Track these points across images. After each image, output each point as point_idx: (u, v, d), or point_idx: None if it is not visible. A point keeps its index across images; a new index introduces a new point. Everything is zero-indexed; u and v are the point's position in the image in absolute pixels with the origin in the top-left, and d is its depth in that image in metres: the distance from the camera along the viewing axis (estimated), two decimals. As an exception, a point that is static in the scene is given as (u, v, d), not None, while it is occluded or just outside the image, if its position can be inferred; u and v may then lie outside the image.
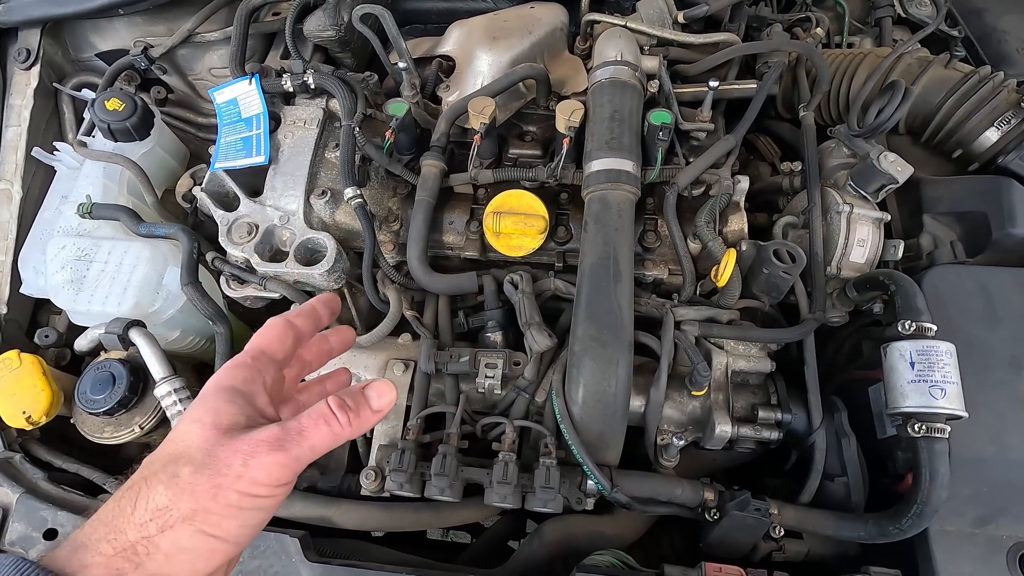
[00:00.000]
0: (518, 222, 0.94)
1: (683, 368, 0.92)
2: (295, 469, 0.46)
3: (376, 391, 0.51)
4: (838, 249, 0.94)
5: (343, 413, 0.48)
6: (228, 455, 0.44)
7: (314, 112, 1.03)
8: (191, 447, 0.45)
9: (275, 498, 0.47)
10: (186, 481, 0.43)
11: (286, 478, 0.46)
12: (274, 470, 0.45)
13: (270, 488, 0.45)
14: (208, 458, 0.44)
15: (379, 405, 0.50)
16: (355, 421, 0.49)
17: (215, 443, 0.45)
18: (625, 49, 1.00)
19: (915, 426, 0.75)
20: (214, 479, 0.44)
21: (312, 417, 0.48)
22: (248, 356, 0.53)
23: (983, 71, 1.00)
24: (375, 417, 0.50)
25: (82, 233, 0.99)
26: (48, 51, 1.14)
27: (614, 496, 0.81)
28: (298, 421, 0.47)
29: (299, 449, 0.46)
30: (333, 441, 0.48)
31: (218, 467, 0.44)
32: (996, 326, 0.83)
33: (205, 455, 0.44)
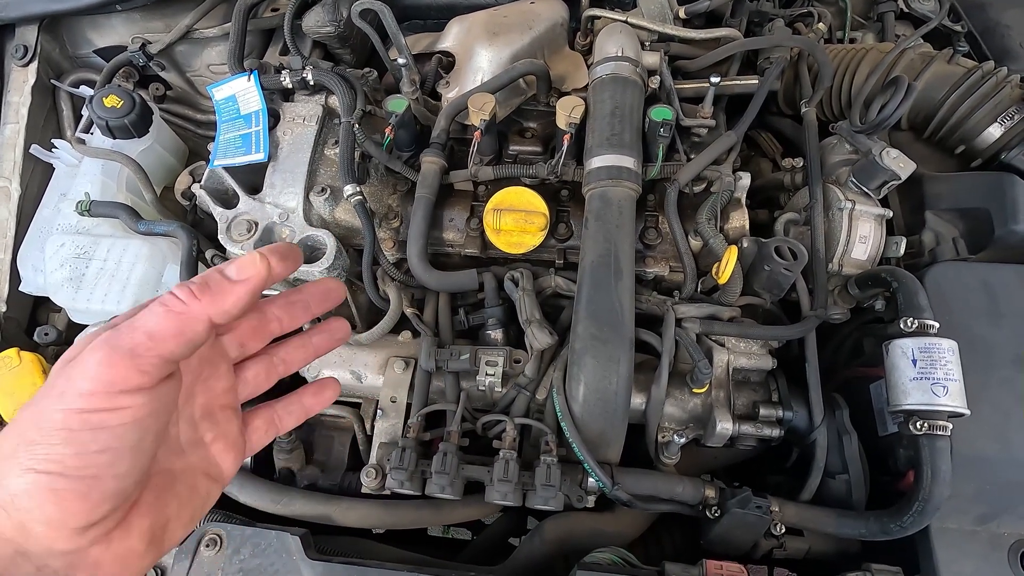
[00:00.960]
0: (518, 219, 0.93)
1: (684, 366, 0.92)
2: (138, 366, 0.37)
3: (237, 264, 0.42)
4: (840, 246, 0.94)
5: (183, 289, 0.39)
6: (54, 376, 0.37)
7: (313, 109, 1.02)
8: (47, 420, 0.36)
9: (128, 409, 0.37)
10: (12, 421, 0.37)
11: (128, 379, 0.36)
12: (104, 371, 0.36)
13: (107, 396, 0.36)
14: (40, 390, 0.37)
15: (239, 274, 0.41)
16: (205, 294, 0.39)
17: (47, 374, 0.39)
18: (626, 44, 1.00)
19: (917, 424, 0.74)
20: (34, 404, 0.37)
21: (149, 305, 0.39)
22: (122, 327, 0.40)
23: (986, 66, 0.99)
24: (236, 289, 0.40)
25: (81, 231, 0.99)
26: (46, 47, 1.14)
27: (615, 494, 0.81)
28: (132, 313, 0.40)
29: (132, 339, 0.37)
30: (178, 321, 0.38)
31: (41, 392, 0.37)
32: (999, 323, 0.83)
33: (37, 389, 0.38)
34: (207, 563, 0.78)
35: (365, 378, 0.94)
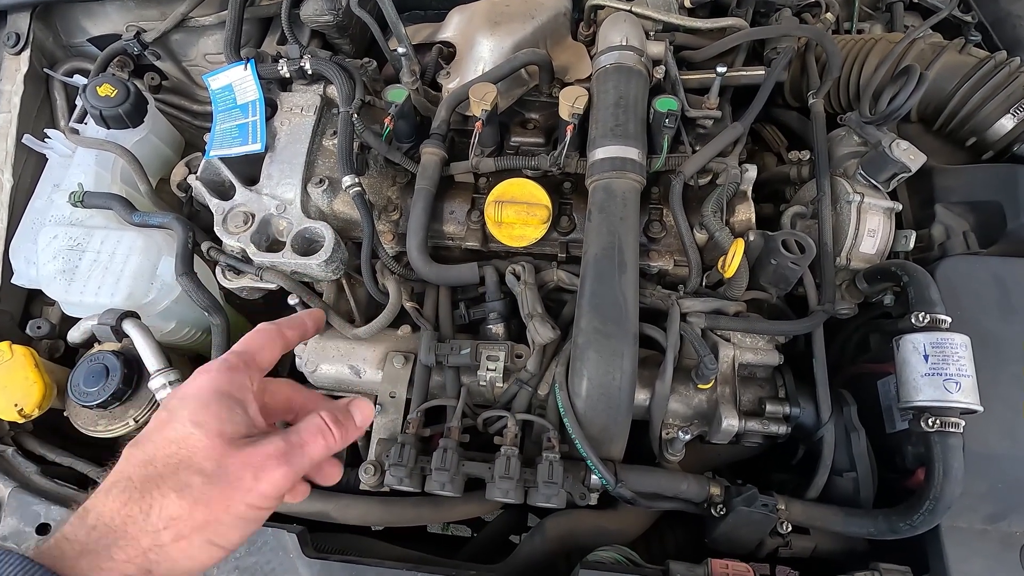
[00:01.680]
0: (520, 211, 0.92)
1: (689, 361, 0.90)
2: (295, 480, 0.50)
3: (359, 410, 0.55)
4: (848, 239, 0.92)
5: (337, 428, 0.52)
6: (238, 469, 0.46)
7: (311, 98, 1.00)
8: (197, 455, 0.46)
9: (273, 508, 0.50)
10: (199, 492, 0.45)
11: (287, 488, 0.49)
12: (281, 483, 0.48)
13: (275, 500, 0.48)
14: (219, 470, 0.46)
15: (361, 422, 0.55)
16: (343, 436, 0.53)
17: (223, 454, 0.46)
18: (630, 34, 0.98)
19: (928, 420, 0.73)
20: (226, 492, 0.46)
21: (311, 432, 0.51)
22: (240, 361, 0.53)
23: (999, 56, 0.97)
24: (358, 433, 0.55)
25: (74, 222, 0.97)
26: (39, 36, 1.12)
27: (618, 491, 0.79)
28: (299, 435, 0.50)
29: (302, 462, 0.49)
30: (327, 453, 0.52)
31: (230, 480, 0.46)
32: (1011, 318, 0.81)
33: (215, 467, 0.46)
34: (202, 561, 0.77)
35: (364, 373, 0.93)
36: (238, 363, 0.53)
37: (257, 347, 0.56)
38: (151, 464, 0.46)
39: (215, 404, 0.49)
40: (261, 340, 0.57)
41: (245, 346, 0.55)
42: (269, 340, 0.57)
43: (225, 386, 0.50)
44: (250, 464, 0.47)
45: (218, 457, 0.46)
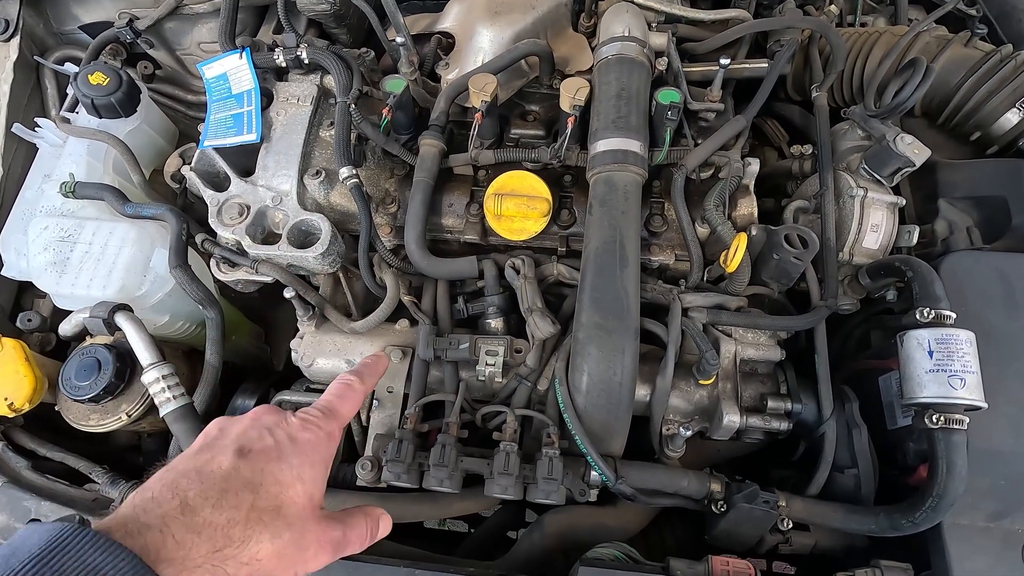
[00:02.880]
0: (520, 204, 0.90)
1: (690, 356, 0.89)
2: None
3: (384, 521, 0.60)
4: (851, 234, 0.91)
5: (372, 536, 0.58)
6: (310, 542, 0.50)
7: (308, 88, 0.98)
8: (294, 511, 0.49)
9: None
10: (284, 546, 0.47)
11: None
12: (323, 564, 0.51)
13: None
14: (301, 535, 0.49)
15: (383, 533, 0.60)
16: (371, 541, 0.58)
17: (308, 520, 0.50)
18: (632, 24, 0.96)
19: (932, 417, 0.72)
20: (296, 557, 0.49)
21: (360, 532, 0.56)
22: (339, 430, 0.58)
23: (1005, 50, 0.96)
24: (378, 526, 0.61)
25: (65, 213, 0.95)
26: (29, 22, 1.09)
27: (619, 488, 0.78)
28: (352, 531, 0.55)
29: (339, 555, 0.53)
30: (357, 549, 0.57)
31: (302, 548, 0.49)
32: (1017, 314, 0.80)
33: (302, 530, 0.49)
34: (196, 557, 0.75)
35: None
36: (335, 430, 0.57)
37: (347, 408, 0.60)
38: (257, 492, 0.48)
39: (319, 467, 0.53)
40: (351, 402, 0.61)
41: (340, 406, 0.60)
42: (358, 399, 0.62)
43: (324, 452, 0.55)
44: (317, 542, 0.50)
45: (304, 521, 0.49)
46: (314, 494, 0.52)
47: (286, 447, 0.52)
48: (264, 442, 0.52)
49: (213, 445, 0.51)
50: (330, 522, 0.53)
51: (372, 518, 0.58)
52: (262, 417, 0.55)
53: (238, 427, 0.54)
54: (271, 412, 0.56)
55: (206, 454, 0.50)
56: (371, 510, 0.60)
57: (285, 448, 0.52)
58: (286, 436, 0.53)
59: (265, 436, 0.52)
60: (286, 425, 0.55)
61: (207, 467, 0.48)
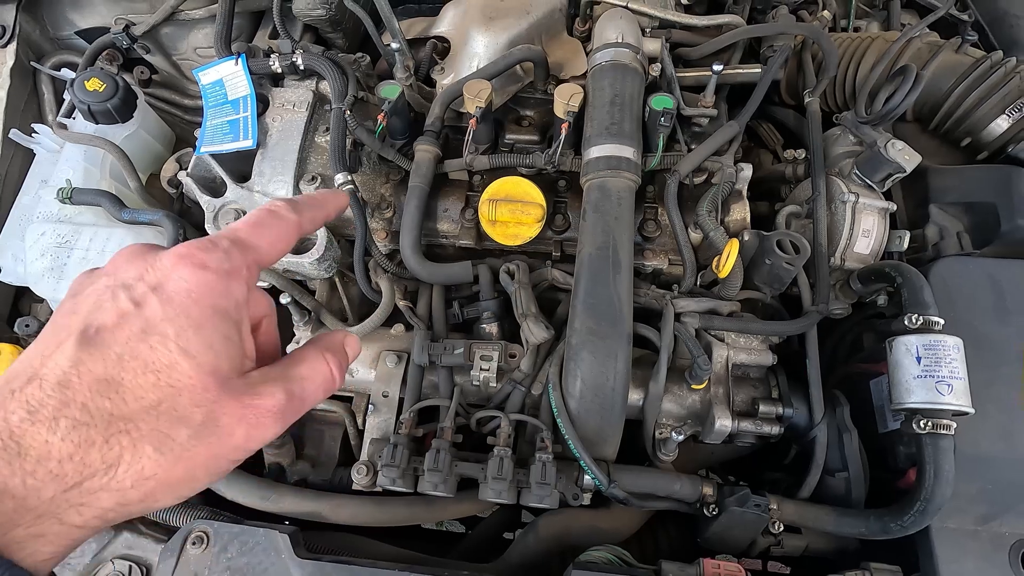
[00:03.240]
0: (515, 210, 0.91)
1: (683, 361, 0.90)
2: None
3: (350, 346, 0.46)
4: (842, 239, 0.92)
5: (340, 373, 0.43)
6: (232, 423, 0.37)
7: (303, 94, 0.99)
8: (183, 397, 0.35)
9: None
10: (182, 448, 0.35)
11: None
12: (270, 437, 0.39)
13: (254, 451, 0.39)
14: (208, 423, 0.36)
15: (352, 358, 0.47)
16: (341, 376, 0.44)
17: (214, 400, 0.36)
18: (626, 31, 0.97)
19: (920, 422, 0.73)
20: (213, 448, 0.36)
21: (316, 382, 0.41)
22: (243, 262, 0.40)
23: (995, 56, 0.96)
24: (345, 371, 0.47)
25: (63, 219, 0.96)
26: (25, 28, 1.10)
27: (612, 492, 0.79)
28: (302, 386, 0.40)
29: (297, 415, 0.40)
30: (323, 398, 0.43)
31: (220, 436, 0.36)
32: (1006, 320, 0.81)
33: (205, 417, 0.36)
34: (193, 561, 0.76)
35: (356, 372, 0.92)
36: (240, 266, 0.39)
37: (266, 241, 0.42)
38: (117, 394, 0.34)
39: (210, 326, 0.37)
40: (273, 231, 0.42)
41: (250, 235, 0.41)
42: (283, 231, 0.43)
43: (222, 300, 0.38)
44: (245, 418, 0.37)
45: (210, 404, 0.36)
46: (217, 365, 0.37)
47: (153, 310, 0.36)
48: (119, 309, 0.36)
49: (57, 328, 0.36)
50: (259, 387, 0.38)
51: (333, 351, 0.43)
52: (120, 268, 0.38)
53: (91, 290, 0.38)
54: (135, 255, 0.39)
55: (44, 345, 0.35)
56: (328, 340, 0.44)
57: (152, 312, 0.36)
58: (151, 292, 0.36)
59: (121, 300, 0.36)
60: (152, 272, 0.37)
61: (41, 369, 0.34)
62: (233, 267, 0.39)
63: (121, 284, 0.37)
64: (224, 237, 0.40)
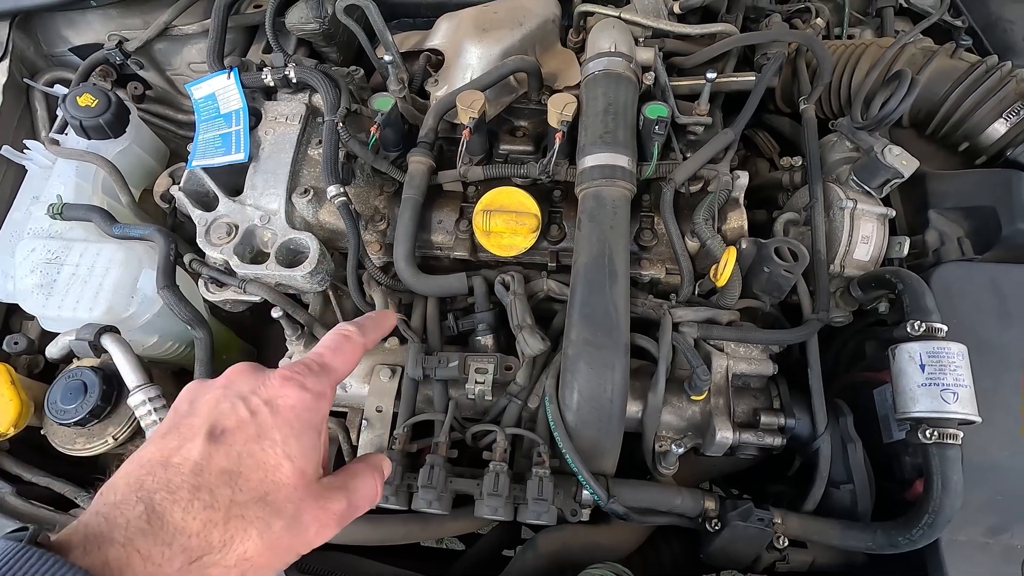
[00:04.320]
0: (509, 220, 0.90)
1: (682, 372, 0.89)
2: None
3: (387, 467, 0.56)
4: (841, 246, 0.91)
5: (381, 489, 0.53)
6: (308, 523, 0.44)
7: (296, 107, 0.99)
8: (282, 494, 0.43)
9: None
10: (276, 538, 0.42)
11: None
12: (329, 537, 0.47)
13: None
14: (295, 518, 0.44)
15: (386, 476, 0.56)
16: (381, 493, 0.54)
17: (301, 499, 0.44)
18: (619, 40, 0.97)
19: (926, 432, 0.71)
20: (295, 541, 0.44)
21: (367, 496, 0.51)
22: (330, 386, 0.50)
23: (990, 61, 0.96)
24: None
25: (53, 235, 0.95)
26: (19, 45, 1.10)
27: (611, 507, 0.77)
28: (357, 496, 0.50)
29: (349, 520, 0.48)
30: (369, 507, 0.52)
31: (300, 530, 0.44)
32: (1010, 325, 0.80)
33: (295, 512, 0.43)
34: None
35: (350, 387, 0.91)
36: (327, 388, 0.49)
37: (343, 363, 0.52)
38: (235, 483, 0.42)
39: (306, 437, 0.46)
40: (348, 354, 0.53)
41: (333, 360, 0.51)
42: (355, 353, 0.53)
43: (315, 416, 0.47)
44: (317, 520, 0.45)
45: (298, 501, 0.44)
46: (306, 469, 0.45)
47: (265, 419, 0.45)
48: (238, 416, 0.45)
49: (181, 426, 0.44)
50: (330, 493, 0.47)
51: (374, 469, 0.53)
52: (235, 382, 0.48)
53: (209, 398, 0.46)
54: (246, 373, 0.48)
55: (173, 439, 0.43)
56: (372, 460, 0.54)
57: (264, 421, 0.45)
58: (264, 404, 0.45)
59: (239, 408, 0.45)
60: (264, 389, 0.46)
61: (174, 458, 0.41)
62: (321, 391, 0.49)
63: (238, 395, 0.46)
64: (314, 362, 0.50)
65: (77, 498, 0.89)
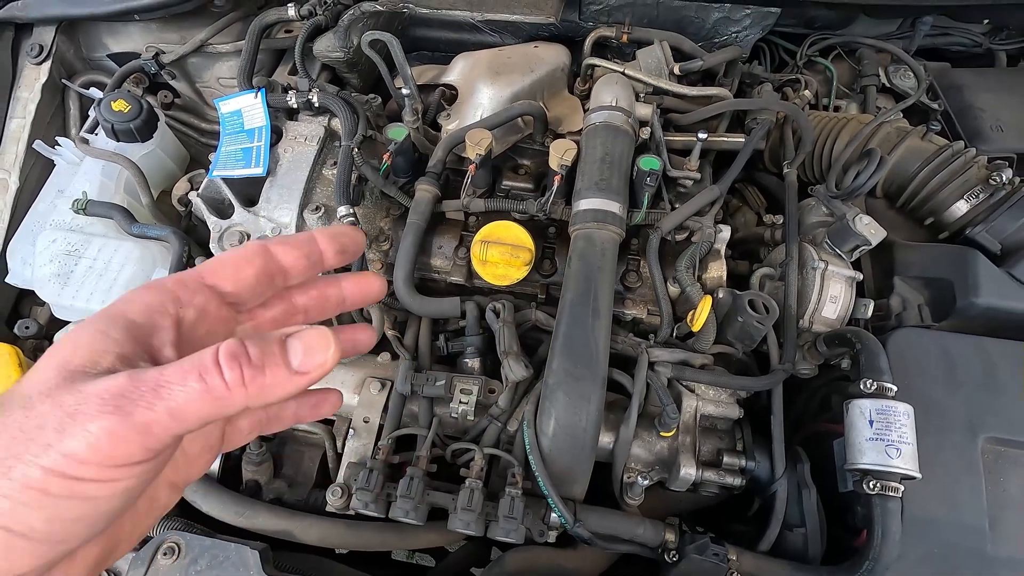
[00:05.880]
0: (505, 252, 0.96)
1: (654, 408, 0.94)
2: (145, 444, 0.30)
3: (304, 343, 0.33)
4: (811, 304, 0.97)
5: (233, 366, 0.31)
6: (45, 411, 0.30)
7: (316, 129, 1.05)
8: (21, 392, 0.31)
9: (114, 483, 0.31)
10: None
11: (130, 455, 0.30)
12: (104, 442, 0.29)
13: (99, 468, 0.30)
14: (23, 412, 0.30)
15: (305, 365, 0.33)
16: (255, 382, 0.32)
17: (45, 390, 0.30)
18: (620, 95, 1.05)
19: (870, 483, 0.77)
20: (14, 445, 0.29)
21: (183, 366, 0.31)
22: (171, 278, 0.37)
23: (956, 146, 1.05)
24: (293, 382, 0.33)
25: (74, 228, 1.00)
26: (61, 48, 1.17)
27: (576, 531, 0.82)
28: (160, 371, 0.31)
29: (150, 414, 0.30)
30: (213, 407, 0.31)
31: (26, 428, 0.29)
32: (955, 391, 0.86)
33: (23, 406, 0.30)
34: (163, 571, 0.78)
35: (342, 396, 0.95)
36: (163, 281, 0.37)
37: (215, 264, 0.38)
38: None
39: (87, 327, 0.33)
40: (225, 257, 0.39)
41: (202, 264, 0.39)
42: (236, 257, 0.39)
43: (121, 306, 0.34)
44: (62, 407, 0.29)
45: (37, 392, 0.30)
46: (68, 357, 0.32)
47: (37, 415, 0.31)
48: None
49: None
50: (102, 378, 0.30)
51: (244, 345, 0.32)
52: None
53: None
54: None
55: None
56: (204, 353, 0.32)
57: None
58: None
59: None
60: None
61: None
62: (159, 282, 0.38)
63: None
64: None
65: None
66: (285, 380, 0.33)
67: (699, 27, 1.23)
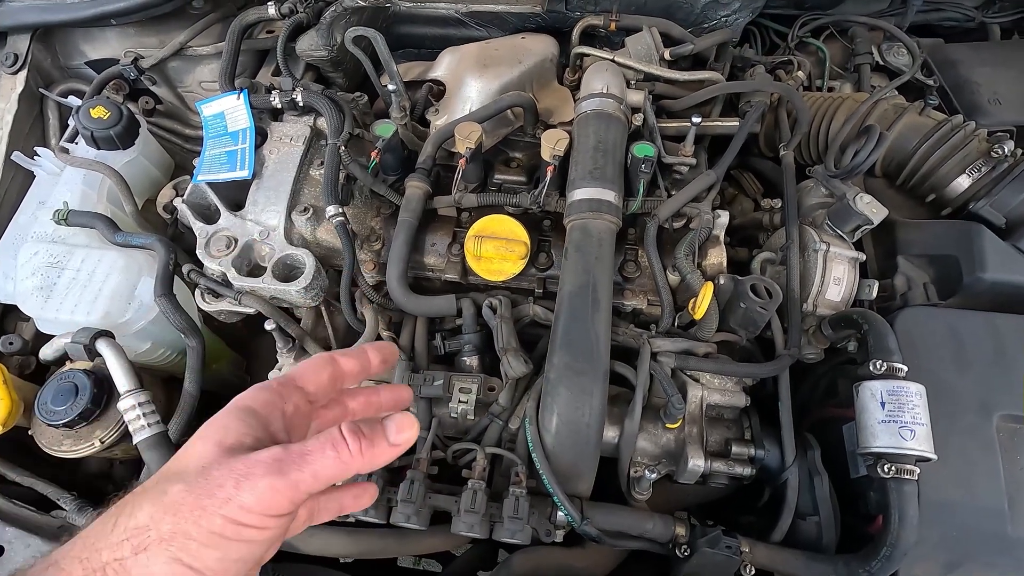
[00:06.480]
0: (499, 247, 0.94)
1: (658, 400, 0.92)
2: (293, 498, 0.41)
3: (396, 424, 0.46)
4: (814, 287, 0.95)
5: (355, 440, 0.44)
6: (221, 475, 0.40)
7: (301, 129, 1.03)
8: (189, 464, 0.42)
9: (268, 531, 0.41)
10: (172, 499, 0.39)
11: (282, 507, 0.41)
12: (267, 496, 0.40)
13: (261, 517, 0.41)
14: (200, 476, 0.40)
15: (397, 439, 0.46)
16: (368, 452, 0.44)
17: (212, 461, 0.41)
18: (611, 82, 1.02)
19: (885, 467, 0.75)
20: (200, 500, 0.39)
21: (320, 441, 0.43)
22: (275, 381, 0.50)
23: (955, 119, 1.03)
24: (391, 452, 0.46)
25: (56, 240, 0.98)
26: (37, 56, 1.14)
27: (584, 529, 0.80)
28: (303, 444, 0.43)
29: (299, 474, 0.41)
30: (341, 470, 0.43)
31: (208, 487, 0.40)
32: (966, 369, 0.84)
33: (199, 473, 0.41)
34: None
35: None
36: (270, 383, 0.49)
37: (299, 370, 0.52)
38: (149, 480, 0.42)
39: (225, 416, 0.45)
40: (306, 364, 0.52)
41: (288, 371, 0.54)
42: (315, 364, 0.52)
43: (245, 401, 0.47)
44: (234, 471, 0.40)
45: (205, 464, 0.41)
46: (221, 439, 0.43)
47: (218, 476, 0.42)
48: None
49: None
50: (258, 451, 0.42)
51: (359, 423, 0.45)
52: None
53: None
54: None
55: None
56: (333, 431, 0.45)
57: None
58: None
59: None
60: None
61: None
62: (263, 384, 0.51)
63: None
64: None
65: (60, 499, 0.90)
66: (386, 450, 0.45)
67: (688, 12, 1.21)
